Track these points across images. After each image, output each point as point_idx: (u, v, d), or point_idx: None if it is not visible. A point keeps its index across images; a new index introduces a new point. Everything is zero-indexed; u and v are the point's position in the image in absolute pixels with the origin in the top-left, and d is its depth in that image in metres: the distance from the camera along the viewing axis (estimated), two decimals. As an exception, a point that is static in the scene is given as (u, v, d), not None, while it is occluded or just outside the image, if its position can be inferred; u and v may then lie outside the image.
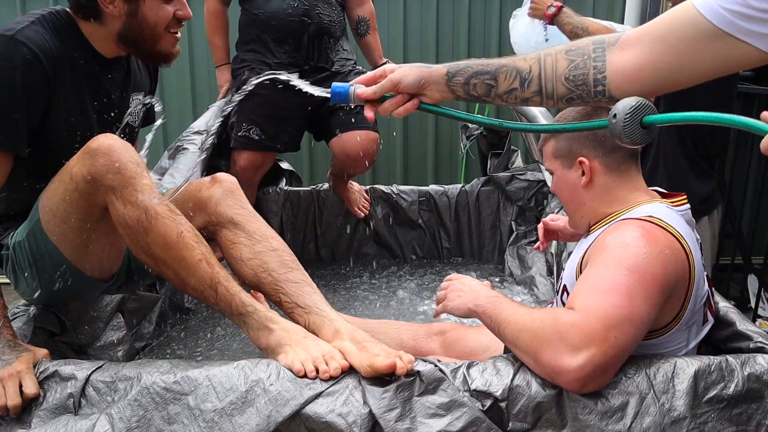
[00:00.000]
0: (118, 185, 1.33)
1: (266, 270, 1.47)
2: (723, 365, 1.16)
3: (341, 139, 2.61)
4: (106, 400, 1.19)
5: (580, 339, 1.10)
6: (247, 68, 2.57)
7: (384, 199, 3.04)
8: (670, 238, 1.23)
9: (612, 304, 1.13)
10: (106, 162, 1.32)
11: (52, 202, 1.43)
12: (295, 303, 1.43)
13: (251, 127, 2.56)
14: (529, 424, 1.12)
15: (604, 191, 1.38)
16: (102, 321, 1.81)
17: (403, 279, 2.86)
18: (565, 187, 1.44)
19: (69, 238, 1.46)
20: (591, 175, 1.38)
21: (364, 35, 2.84)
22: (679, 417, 1.11)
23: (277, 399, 1.14)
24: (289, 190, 3.05)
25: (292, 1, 2.50)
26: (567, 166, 1.42)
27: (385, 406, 1.12)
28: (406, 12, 3.90)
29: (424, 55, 3.95)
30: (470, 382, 1.14)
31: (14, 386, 1.19)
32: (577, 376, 1.10)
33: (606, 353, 1.10)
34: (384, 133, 4.06)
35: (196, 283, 1.36)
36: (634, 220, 1.27)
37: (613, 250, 1.22)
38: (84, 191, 1.37)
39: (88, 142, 1.36)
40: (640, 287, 1.15)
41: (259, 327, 1.34)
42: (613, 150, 1.37)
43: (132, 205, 1.32)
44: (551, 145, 1.45)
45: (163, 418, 1.14)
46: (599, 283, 1.17)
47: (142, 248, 1.36)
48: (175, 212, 1.38)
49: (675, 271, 1.21)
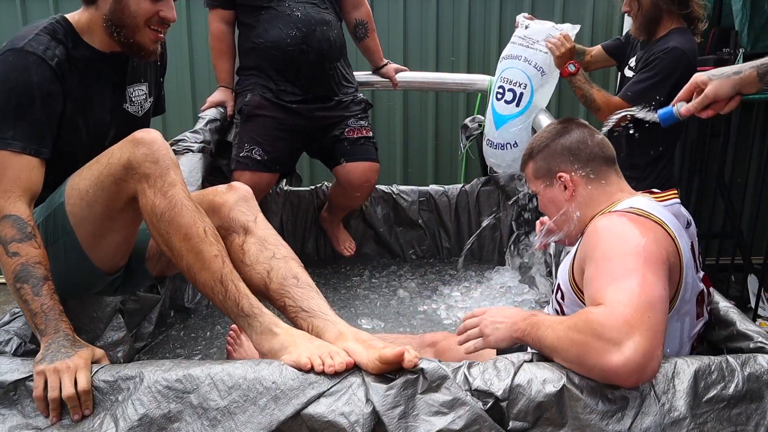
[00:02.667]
0: (153, 174, 1.40)
1: (274, 275, 1.49)
2: (723, 365, 1.16)
3: (345, 168, 2.67)
4: (110, 400, 1.19)
5: (618, 331, 1.07)
6: (250, 91, 2.56)
7: (384, 199, 3.04)
8: (652, 224, 1.26)
9: (633, 288, 1.13)
10: (146, 152, 1.41)
11: (83, 185, 1.48)
12: (300, 307, 1.43)
13: (254, 148, 2.54)
14: (530, 424, 1.13)
15: (588, 200, 1.44)
16: (102, 321, 1.81)
17: (403, 279, 2.86)
18: (551, 204, 1.50)
19: (89, 223, 1.51)
20: (573, 188, 1.44)
21: (364, 38, 2.84)
22: (679, 417, 1.11)
23: (279, 398, 1.14)
24: (289, 190, 3.05)
25: (291, 30, 2.49)
26: (549, 183, 1.49)
27: (389, 404, 1.12)
28: (406, 12, 3.90)
29: (424, 55, 3.95)
30: (471, 382, 1.15)
31: (70, 378, 1.20)
32: (629, 369, 1.06)
33: (647, 336, 1.07)
34: (384, 132, 4.07)
35: (207, 277, 1.39)
36: (616, 213, 1.32)
37: (609, 241, 1.25)
38: (118, 176, 1.43)
39: (134, 132, 1.45)
40: (648, 267, 1.17)
41: (263, 330, 1.34)
42: (589, 160, 1.45)
43: (162, 195, 1.40)
44: (530, 167, 1.52)
45: (166, 416, 1.15)
46: (611, 274, 1.18)
47: (163, 236, 1.41)
48: (200, 210, 1.44)
49: (668, 252, 1.23)
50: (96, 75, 1.62)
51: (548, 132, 1.52)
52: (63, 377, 1.20)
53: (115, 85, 1.69)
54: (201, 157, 2.39)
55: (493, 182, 3.02)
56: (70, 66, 1.55)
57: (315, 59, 2.53)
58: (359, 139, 2.67)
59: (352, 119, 2.67)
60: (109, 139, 1.68)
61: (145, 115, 1.80)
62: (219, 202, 1.62)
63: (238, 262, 1.54)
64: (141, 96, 1.76)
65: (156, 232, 1.42)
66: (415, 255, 3.08)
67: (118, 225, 1.53)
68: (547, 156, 1.49)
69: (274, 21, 2.49)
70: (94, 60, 1.61)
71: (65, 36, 1.56)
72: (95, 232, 1.52)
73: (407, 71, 3.04)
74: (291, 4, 2.51)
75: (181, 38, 3.86)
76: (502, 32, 3.89)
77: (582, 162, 1.45)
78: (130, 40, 1.61)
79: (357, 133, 2.66)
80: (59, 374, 1.21)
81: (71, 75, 1.55)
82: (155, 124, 1.77)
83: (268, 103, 2.54)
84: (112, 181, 1.44)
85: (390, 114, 4.09)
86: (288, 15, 2.49)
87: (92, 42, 1.61)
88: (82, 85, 1.59)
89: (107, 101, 1.67)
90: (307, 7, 2.53)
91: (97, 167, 1.47)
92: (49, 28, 1.55)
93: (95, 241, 1.54)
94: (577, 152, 1.45)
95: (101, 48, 1.63)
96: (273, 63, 2.52)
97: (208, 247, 1.39)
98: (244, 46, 2.60)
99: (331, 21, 2.58)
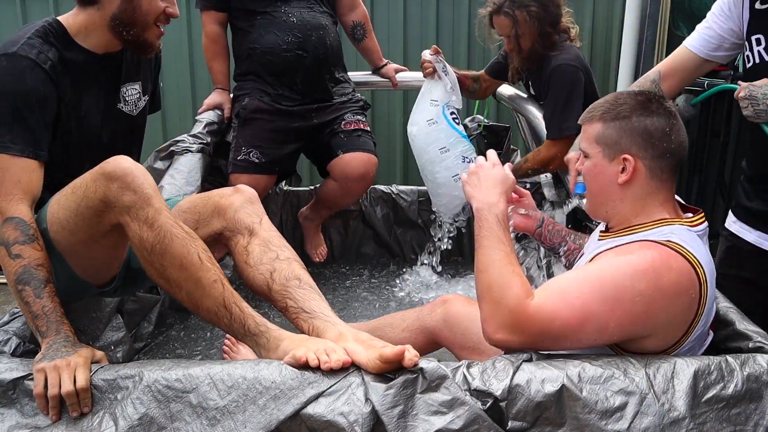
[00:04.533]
0: (134, 205, 1.35)
1: (276, 276, 1.49)
2: (723, 365, 1.16)
3: (343, 160, 2.59)
4: (109, 398, 1.19)
5: (511, 324, 1.19)
6: (248, 95, 2.55)
7: (384, 199, 3.04)
8: (684, 267, 1.20)
9: (564, 320, 1.18)
10: (121, 185, 1.35)
11: (62, 215, 1.45)
12: (301, 308, 1.43)
13: (251, 150, 2.53)
14: (529, 423, 1.13)
15: (638, 196, 1.32)
16: (101, 321, 1.82)
17: (403, 279, 2.86)
18: (598, 177, 1.35)
19: (75, 249, 1.48)
20: (632, 175, 1.30)
21: (362, 40, 2.83)
22: (678, 417, 1.11)
23: (278, 397, 1.14)
24: (288, 190, 3.05)
25: (286, 35, 2.48)
26: (608, 156, 1.33)
27: (388, 403, 1.12)
28: (406, 12, 3.90)
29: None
30: (470, 381, 1.15)
31: (70, 376, 1.20)
32: (490, 341, 1.23)
33: (524, 345, 1.21)
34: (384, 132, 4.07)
35: (210, 304, 1.36)
36: (653, 243, 1.23)
37: (608, 270, 1.21)
38: (98, 209, 1.39)
39: (103, 162, 1.38)
40: (603, 318, 1.17)
41: (271, 346, 1.34)
42: (664, 156, 1.30)
43: (149, 227, 1.34)
44: (597, 128, 1.35)
45: (166, 415, 1.15)
46: (572, 293, 1.19)
47: (157, 270, 1.37)
48: (190, 234, 1.39)
49: (671, 307, 1.19)
50: (89, 77, 1.62)
51: (634, 102, 1.33)
52: (62, 374, 1.20)
53: (109, 86, 1.69)
54: (200, 158, 2.39)
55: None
56: (63, 69, 1.55)
57: (312, 64, 2.52)
58: (356, 131, 2.63)
59: (347, 114, 2.64)
60: (105, 139, 1.68)
61: (140, 113, 1.80)
62: (225, 204, 1.61)
63: (242, 263, 1.54)
64: (135, 95, 1.76)
65: (149, 266, 1.38)
66: (415, 255, 3.08)
67: (105, 246, 1.50)
68: (622, 128, 1.31)
69: (269, 27, 2.48)
70: (87, 62, 1.61)
71: (57, 39, 1.56)
72: (83, 256, 1.50)
73: (407, 71, 3.04)
74: (286, 10, 2.50)
75: (181, 38, 3.86)
76: (502, 32, 3.88)
77: (656, 154, 1.30)
78: (139, 38, 1.61)
79: (354, 125, 2.63)
80: (59, 371, 1.21)
81: (64, 78, 1.55)
82: (155, 123, 1.77)
83: (266, 107, 2.54)
84: (93, 213, 1.40)
85: (390, 114, 4.09)
86: (284, 20, 2.48)
87: (86, 44, 1.61)
88: (75, 88, 1.58)
89: (101, 103, 1.66)
90: (302, 11, 2.52)
91: (74, 198, 1.42)
92: (41, 31, 1.54)
93: (83, 262, 1.52)
94: (657, 141, 1.29)
95: (95, 49, 1.62)
96: (269, 68, 2.52)
97: (205, 273, 1.36)
98: (240, 52, 2.58)
99: (327, 25, 2.57)
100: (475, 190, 1.38)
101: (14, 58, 1.48)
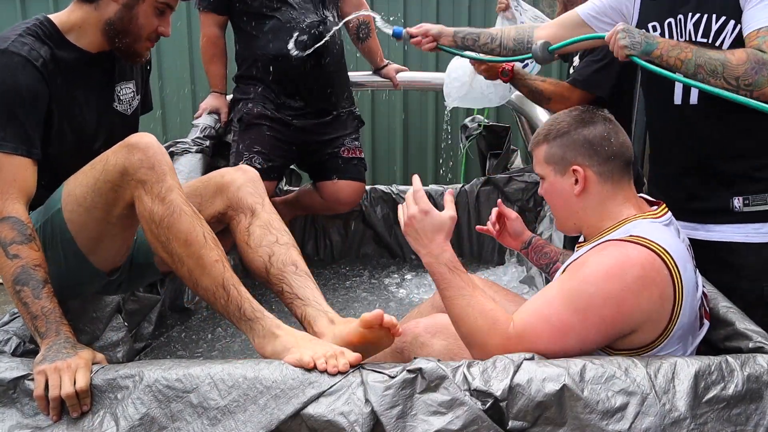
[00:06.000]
0: (149, 180, 1.39)
1: (274, 260, 1.53)
2: (723, 365, 1.16)
3: (337, 185, 2.69)
4: (109, 397, 1.19)
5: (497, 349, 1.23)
6: (251, 100, 2.54)
7: (384, 199, 3.04)
8: (646, 256, 1.23)
9: (545, 338, 1.22)
10: (141, 157, 1.39)
11: (80, 191, 1.48)
12: (296, 294, 1.47)
13: (254, 156, 2.52)
14: (529, 423, 1.12)
15: (596, 203, 1.38)
16: (102, 321, 1.82)
17: (403, 279, 2.86)
18: (556, 194, 1.43)
19: (88, 228, 1.50)
20: (585, 184, 1.37)
21: (366, 39, 2.82)
22: (679, 417, 1.11)
23: (279, 397, 1.14)
24: (288, 189, 3.05)
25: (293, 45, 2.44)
26: (560, 172, 1.40)
27: (387, 403, 1.12)
28: (406, 12, 3.90)
29: (424, 55, 3.95)
30: (470, 381, 1.14)
31: (70, 378, 1.20)
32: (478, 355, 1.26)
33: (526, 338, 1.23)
34: (384, 132, 4.07)
35: (209, 282, 1.39)
36: (613, 242, 1.28)
37: (574, 281, 1.26)
38: (115, 182, 1.42)
39: (129, 137, 1.43)
40: (580, 328, 1.22)
41: (265, 334, 1.35)
42: (609, 159, 1.36)
43: (160, 201, 1.39)
44: (543, 150, 1.43)
45: (166, 415, 1.15)
46: (546, 311, 1.24)
47: (162, 243, 1.40)
48: (198, 215, 1.43)
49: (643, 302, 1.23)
50: (82, 76, 1.61)
51: (570, 118, 1.42)
52: (63, 376, 1.20)
53: (103, 84, 1.69)
54: (201, 158, 2.39)
55: (491, 183, 3.02)
56: (54, 67, 1.54)
57: (318, 72, 2.52)
58: (353, 159, 2.70)
59: (347, 139, 2.68)
60: (100, 139, 1.67)
61: (134, 113, 1.80)
62: (227, 181, 1.63)
63: (243, 243, 1.58)
64: (129, 94, 1.76)
65: (154, 239, 1.41)
66: (415, 255, 3.08)
67: (117, 228, 1.53)
68: (564, 144, 1.39)
69: (279, 33, 2.45)
70: (79, 61, 1.61)
71: (49, 37, 1.56)
72: (94, 237, 1.52)
73: (407, 71, 3.04)
74: (295, 15, 2.47)
75: (181, 38, 3.86)
76: (502, 32, 3.89)
77: (601, 159, 1.36)
78: (129, 48, 1.62)
79: (351, 153, 2.69)
80: (59, 373, 1.21)
81: (56, 76, 1.55)
82: (155, 123, 1.78)
83: (270, 114, 2.53)
84: (110, 187, 1.43)
85: (390, 114, 4.09)
86: (293, 26, 2.45)
87: (79, 42, 1.60)
88: (68, 86, 1.58)
89: (94, 101, 1.66)
90: (311, 15, 2.49)
91: (93, 173, 1.46)
92: (32, 29, 1.54)
93: (95, 245, 1.54)
94: (599, 148, 1.36)
95: (88, 48, 1.62)
96: (275, 75, 2.50)
97: (208, 252, 1.39)
98: (245, 55, 2.56)
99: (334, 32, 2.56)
100: (417, 243, 1.36)
101: (5, 54, 1.47)
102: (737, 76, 1.44)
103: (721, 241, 1.63)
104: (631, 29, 1.57)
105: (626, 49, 1.54)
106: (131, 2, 1.58)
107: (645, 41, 1.54)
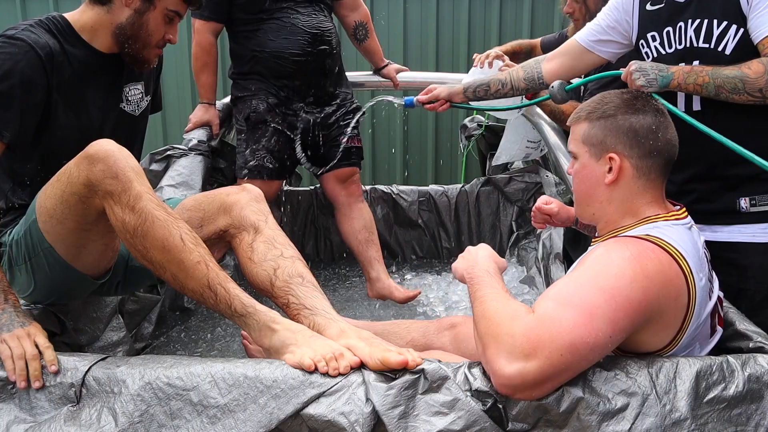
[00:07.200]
0: (115, 190, 1.35)
1: (280, 273, 1.49)
2: (724, 366, 1.16)
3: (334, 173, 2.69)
4: (105, 391, 1.19)
5: (522, 348, 1.07)
6: (254, 97, 2.53)
7: (384, 199, 3.04)
8: (665, 259, 1.18)
9: (571, 320, 1.09)
10: (103, 168, 1.35)
11: (50, 204, 1.45)
12: (303, 305, 1.43)
13: (266, 156, 2.52)
14: (530, 425, 1.12)
15: (624, 197, 1.30)
16: (102, 322, 1.82)
17: (403, 279, 2.86)
18: (584, 177, 1.34)
19: (65, 238, 1.48)
20: (618, 175, 1.28)
21: (364, 40, 2.82)
22: (680, 418, 1.11)
23: (279, 396, 1.14)
24: (288, 190, 3.05)
25: (296, 41, 2.46)
26: (594, 156, 1.31)
27: (389, 403, 1.12)
28: (406, 12, 3.90)
29: (424, 55, 3.96)
30: (472, 382, 1.14)
31: (31, 342, 1.27)
32: (505, 382, 1.09)
33: (544, 370, 1.07)
34: (384, 132, 4.07)
35: (194, 285, 1.37)
36: (630, 238, 1.22)
37: (595, 264, 1.18)
38: (82, 195, 1.39)
39: (87, 146, 1.39)
40: (608, 308, 1.11)
41: (260, 328, 1.33)
42: (650, 155, 1.28)
43: (130, 210, 1.35)
44: (583, 128, 1.34)
45: (166, 413, 1.15)
46: (567, 293, 1.14)
47: (140, 252, 1.38)
48: (172, 216, 1.39)
49: (662, 296, 1.16)
50: (92, 74, 1.63)
51: (620, 101, 1.32)
52: (23, 342, 1.27)
53: (111, 85, 1.70)
54: (201, 159, 2.39)
55: (491, 183, 3.02)
56: (62, 60, 1.55)
57: (318, 67, 2.52)
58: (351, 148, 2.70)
59: (349, 128, 2.68)
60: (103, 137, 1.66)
61: (142, 114, 1.80)
62: (231, 202, 1.62)
63: (246, 259, 1.55)
64: (137, 95, 1.76)
65: (133, 249, 1.39)
66: (415, 255, 3.08)
67: (95, 234, 1.50)
68: (607, 127, 1.29)
69: (279, 32, 2.46)
70: (90, 59, 1.62)
71: (61, 32, 1.57)
72: (74, 244, 1.50)
73: (407, 71, 3.04)
74: (293, 15, 2.48)
75: (181, 39, 3.84)
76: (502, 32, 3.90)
77: (642, 153, 1.27)
78: (137, 54, 1.64)
79: (350, 142, 2.68)
80: (20, 340, 1.27)
81: (63, 70, 1.55)
82: (156, 125, 1.78)
83: (275, 110, 2.53)
84: (77, 199, 1.40)
85: (390, 114, 4.09)
86: (292, 25, 2.46)
87: (92, 42, 1.62)
88: (76, 83, 1.59)
89: (101, 100, 1.67)
90: (310, 16, 2.50)
91: (59, 185, 1.43)
92: (44, 22, 1.56)
93: (76, 252, 1.52)
94: (643, 140, 1.27)
95: (101, 48, 1.64)
96: (275, 71, 2.50)
97: (188, 255, 1.36)
98: (243, 53, 2.55)
99: (331, 28, 2.57)
100: (461, 261, 1.38)
101: (11, 39, 1.49)
102: (760, 88, 1.44)
103: (727, 242, 1.62)
104: (643, 66, 1.53)
105: (644, 88, 1.50)
106: (143, 8, 1.60)
107: (660, 76, 1.51)
